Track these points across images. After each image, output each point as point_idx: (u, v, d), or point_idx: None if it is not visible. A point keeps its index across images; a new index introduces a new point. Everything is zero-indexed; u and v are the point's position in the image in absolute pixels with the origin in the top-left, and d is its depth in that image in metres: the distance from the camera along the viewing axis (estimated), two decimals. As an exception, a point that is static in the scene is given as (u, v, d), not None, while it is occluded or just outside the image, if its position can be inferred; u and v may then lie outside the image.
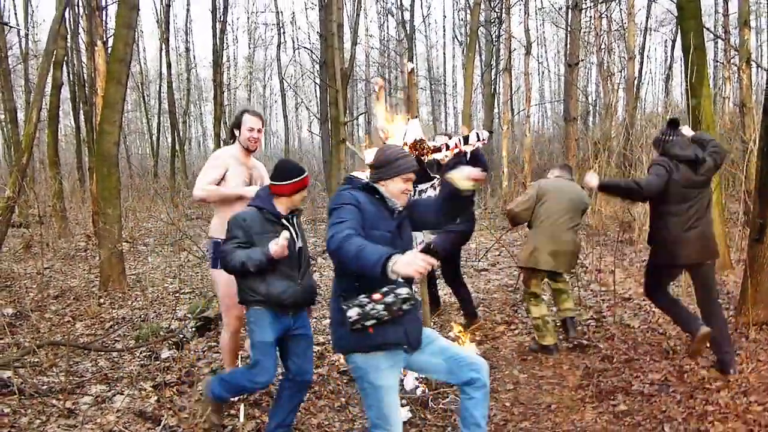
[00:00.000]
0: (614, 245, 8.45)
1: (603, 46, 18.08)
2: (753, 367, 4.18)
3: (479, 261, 8.76)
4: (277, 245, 3.13)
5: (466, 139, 4.18)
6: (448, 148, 4.14)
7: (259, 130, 4.00)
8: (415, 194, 4.10)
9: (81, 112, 17.43)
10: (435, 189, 4.16)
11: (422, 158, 4.09)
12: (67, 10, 12.06)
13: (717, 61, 19.01)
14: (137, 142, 34.66)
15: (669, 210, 4.11)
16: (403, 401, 4.01)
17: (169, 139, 22.30)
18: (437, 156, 4.15)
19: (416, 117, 4.06)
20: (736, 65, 12.57)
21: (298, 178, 3.33)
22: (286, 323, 3.34)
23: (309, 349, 3.51)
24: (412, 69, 4.22)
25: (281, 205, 3.34)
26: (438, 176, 4.27)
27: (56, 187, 12.35)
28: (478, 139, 4.19)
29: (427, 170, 4.16)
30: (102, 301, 6.82)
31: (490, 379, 4.38)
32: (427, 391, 4.14)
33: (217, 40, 19.68)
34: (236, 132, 4.00)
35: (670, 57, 21.35)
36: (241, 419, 3.31)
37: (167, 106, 21.97)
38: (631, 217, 9.90)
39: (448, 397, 4.07)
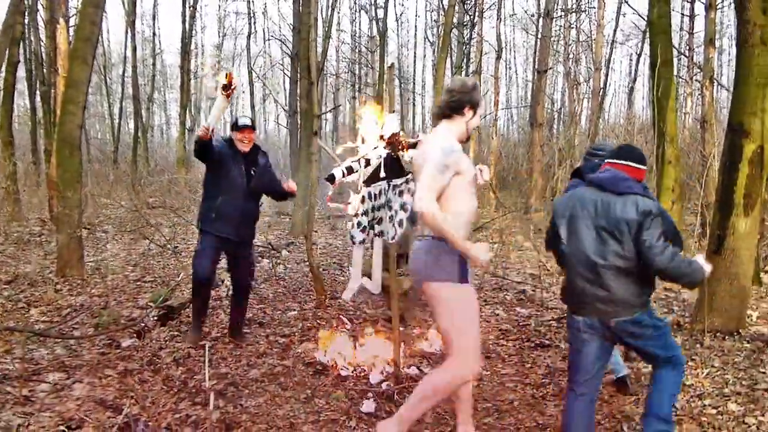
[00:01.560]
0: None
1: (571, 56, 18.46)
2: (707, 372, 4.33)
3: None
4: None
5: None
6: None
7: None
8: (389, 189, 4.11)
9: (38, 91, 16.87)
10: (409, 183, 4.16)
11: (398, 153, 4.11)
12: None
13: (679, 77, 19.61)
14: (96, 126, 33.79)
15: None
16: (369, 394, 4.03)
17: (131, 125, 21.82)
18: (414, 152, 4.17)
19: (393, 112, 4.07)
20: (699, 82, 12.98)
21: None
22: None
23: None
24: (392, 65, 4.22)
25: None
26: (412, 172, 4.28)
27: (10, 169, 11.93)
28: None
29: (402, 165, 4.16)
30: (59, 287, 6.62)
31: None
32: (392, 385, 4.15)
33: (186, 26, 19.35)
34: (467, 111, 3.03)
35: (635, 70, 21.89)
36: (211, 407, 3.25)
37: (131, 91, 21.45)
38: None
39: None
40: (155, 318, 5.46)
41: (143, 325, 5.26)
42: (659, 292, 6.61)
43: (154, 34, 26.89)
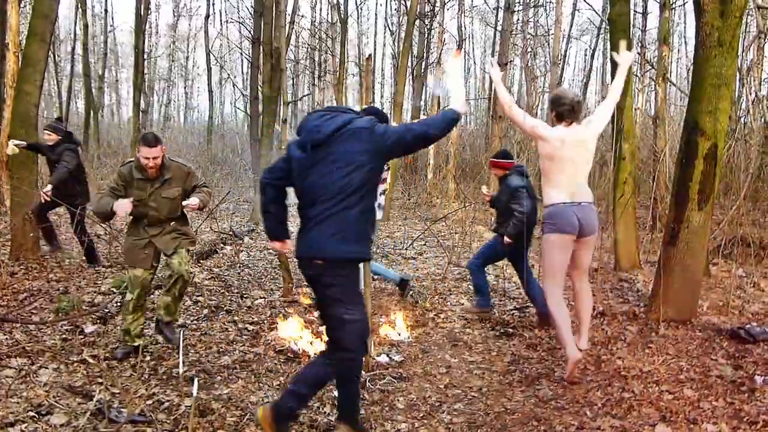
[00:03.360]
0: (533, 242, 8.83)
1: (529, 50, 18.77)
2: (663, 359, 4.54)
3: (406, 249, 8.94)
4: None
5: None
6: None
7: None
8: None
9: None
10: (385, 172, 4.20)
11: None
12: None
13: (633, 74, 20.23)
14: (42, 105, 32.50)
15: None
16: (342, 382, 4.08)
17: (80, 105, 21.08)
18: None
19: (371, 103, 4.10)
20: (652, 79, 13.40)
21: None
22: None
23: None
24: (370, 56, 4.24)
25: None
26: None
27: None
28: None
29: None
30: (14, 271, 6.41)
31: (424, 363, 4.55)
32: (363, 372, 4.21)
33: (141, 4, 18.72)
34: None
35: (589, 66, 22.43)
36: (195, 393, 3.20)
37: (81, 69, 20.70)
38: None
39: (384, 378, 4.17)
40: (119, 304, 5.36)
41: (107, 310, 5.17)
42: (614, 282, 6.87)
43: (105, 11, 25.99)
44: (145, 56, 22.49)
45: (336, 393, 3.27)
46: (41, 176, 8.09)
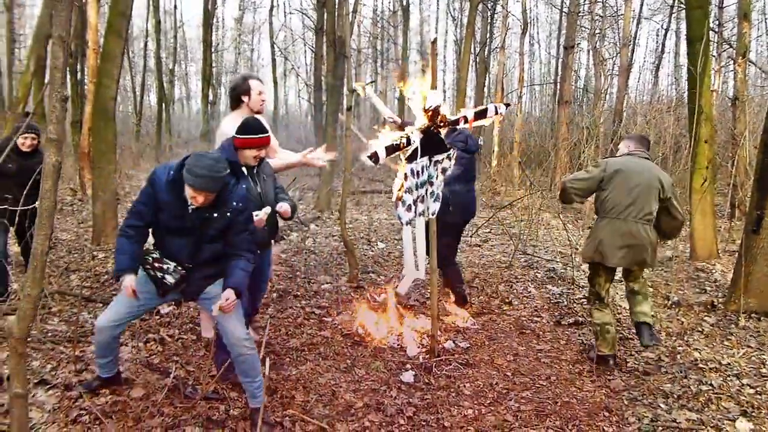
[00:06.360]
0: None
1: (597, 32, 18.12)
2: (743, 352, 4.34)
3: (471, 237, 8.85)
4: None
5: (483, 112, 4.20)
6: (466, 120, 4.16)
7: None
8: (430, 165, 4.11)
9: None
10: (450, 160, 4.17)
11: (439, 129, 4.11)
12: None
13: (711, 54, 19.21)
14: (118, 99, 33.90)
15: None
16: (408, 365, 4.10)
17: (152, 98, 21.94)
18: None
19: (435, 88, 4.06)
20: (730, 58, 12.69)
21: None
22: None
23: None
24: (435, 40, 4.20)
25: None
26: (453, 148, 4.28)
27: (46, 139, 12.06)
28: (496, 113, 4.21)
29: (443, 141, 4.16)
30: (95, 254, 6.76)
31: (491, 350, 4.51)
32: (429, 357, 4.22)
33: (209, -2, 19.27)
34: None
35: (662, 46, 21.44)
36: (267, 372, 3.28)
37: (153, 64, 21.49)
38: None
39: (451, 365, 4.16)
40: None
41: (181, 293, 5.37)
42: (690, 272, 6.59)
43: (175, 7, 26.88)
44: (213, 49, 23.13)
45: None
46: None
